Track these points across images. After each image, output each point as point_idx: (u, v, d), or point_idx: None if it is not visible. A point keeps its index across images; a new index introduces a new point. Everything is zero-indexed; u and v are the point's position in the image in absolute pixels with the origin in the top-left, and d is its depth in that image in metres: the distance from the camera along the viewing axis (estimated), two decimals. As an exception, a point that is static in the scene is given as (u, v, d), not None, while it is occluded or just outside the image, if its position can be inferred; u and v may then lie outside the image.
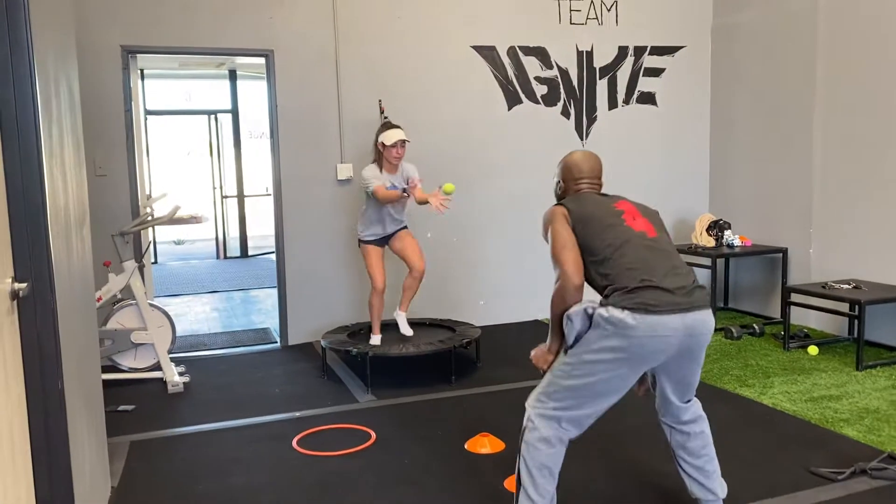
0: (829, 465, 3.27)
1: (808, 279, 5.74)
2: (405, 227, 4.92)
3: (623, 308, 2.33)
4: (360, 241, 4.87)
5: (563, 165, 2.79)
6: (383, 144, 4.66)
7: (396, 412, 4.15)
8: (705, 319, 2.41)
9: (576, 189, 2.75)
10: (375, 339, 4.88)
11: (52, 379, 2.09)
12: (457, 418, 4.03)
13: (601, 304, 2.40)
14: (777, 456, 3.41)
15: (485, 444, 3.58)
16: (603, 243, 2.48)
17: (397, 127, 4.71)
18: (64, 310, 2.28)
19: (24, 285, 1.97)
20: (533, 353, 2.66)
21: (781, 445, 3.53)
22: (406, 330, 4.97)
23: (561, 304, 2.48)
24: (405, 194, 4.64)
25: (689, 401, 2.65)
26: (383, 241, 4.87)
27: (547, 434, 2.49)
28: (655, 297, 2.34)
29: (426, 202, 4.53)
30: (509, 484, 3.15)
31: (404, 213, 4.91)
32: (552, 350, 2.59)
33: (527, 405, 2.59)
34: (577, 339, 2.44)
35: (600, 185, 2.77)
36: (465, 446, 3.61)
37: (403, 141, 4.66)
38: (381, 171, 4.72)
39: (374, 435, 3.79)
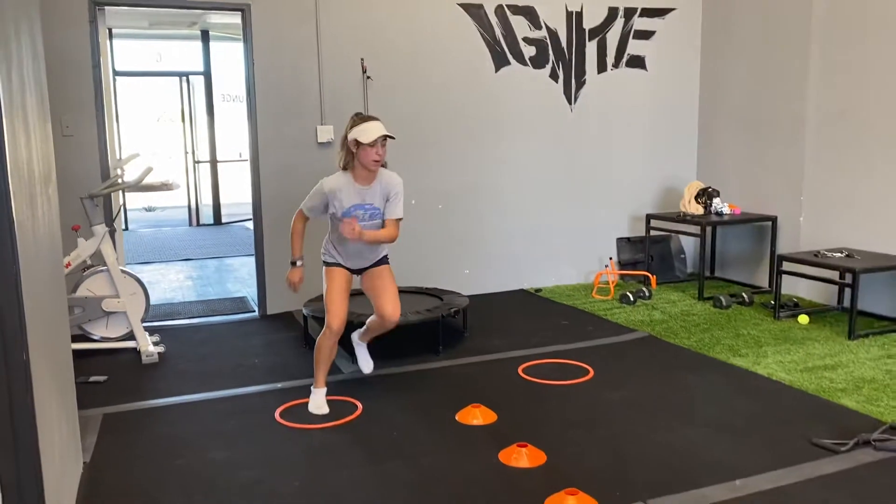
0: (830, 436, 3.19)
1: (797, 248, 5.66)
2: (385, 262, 3.70)
3: None
4: (323, 262, 3.71)
5: None
6: (357, 142, 3.33)
7: (382, 383, 4.00)
8: None
9: None
10: (316, 396, 3.58)
11: (17, 351, 1.90)
12: (445, 389, 3.89)
13: None
14: (777, 427, 3.32)
15: (476, 416, 3.45)
16: None
17: (373, 118, 3.42)
18: (29, 275, 2.07)
19: (-19, 246, 1.77)
20: None
21: (781, 416, 3.44)
22: (365, 365, 3.96)
23: None
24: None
25: None
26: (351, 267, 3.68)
27: None
28: None
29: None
30: (504, 456, 3.02)
31: (380, 249, 3.67)
32: None
33: None
34: None
35: None
36: (456, 417, 3.48)
37: (385, 137, 3.37)
38: (352, 180, 3.45)
39: (360, 406, 3.64)
